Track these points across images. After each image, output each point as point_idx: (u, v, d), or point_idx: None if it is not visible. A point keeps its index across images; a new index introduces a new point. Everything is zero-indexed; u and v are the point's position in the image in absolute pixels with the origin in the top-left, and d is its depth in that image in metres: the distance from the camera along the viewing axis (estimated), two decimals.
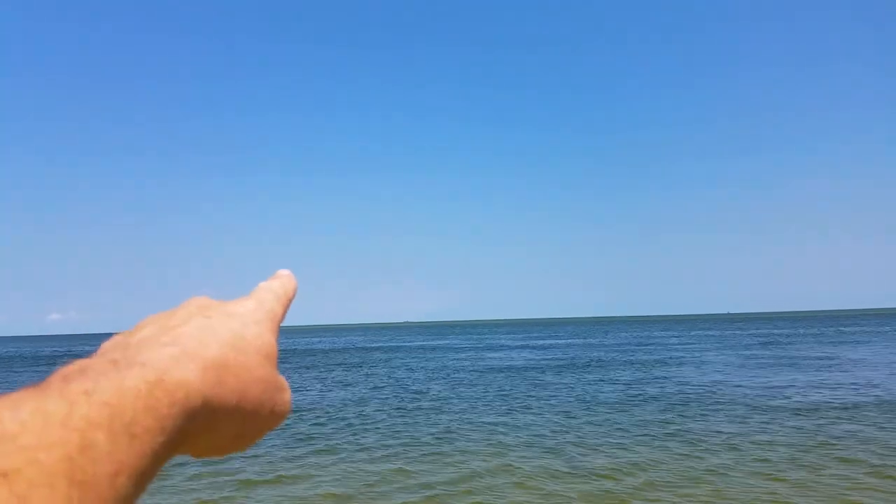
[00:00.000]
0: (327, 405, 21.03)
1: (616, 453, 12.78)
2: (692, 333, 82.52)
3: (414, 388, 26.02)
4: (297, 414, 19.23)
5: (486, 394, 22.94)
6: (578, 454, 12.71)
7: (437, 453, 13.16)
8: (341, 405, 21.05)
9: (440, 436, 15.01)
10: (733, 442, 13.54)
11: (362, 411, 19.48)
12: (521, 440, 14.28)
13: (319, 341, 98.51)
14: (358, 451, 13.74)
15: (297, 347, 75.72)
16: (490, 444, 13.95)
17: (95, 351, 0.50)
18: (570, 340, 71.90)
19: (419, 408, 19.83)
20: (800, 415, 16.64)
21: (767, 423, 15.68)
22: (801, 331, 79.48)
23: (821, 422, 15.53)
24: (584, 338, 78.82)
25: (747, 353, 41.81)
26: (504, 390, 23.88)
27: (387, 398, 22.61)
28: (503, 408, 19.23)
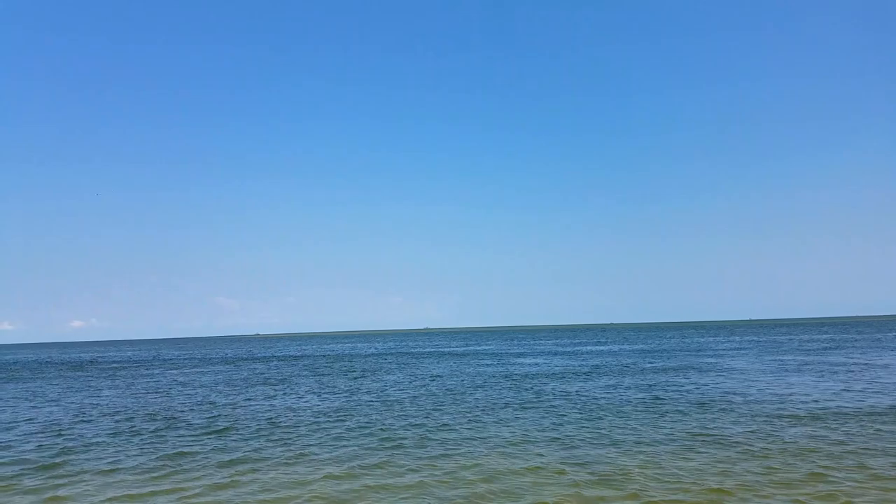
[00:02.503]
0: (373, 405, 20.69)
1: (648, 457, 12.23)
2: (728, 339, 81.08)
3: (445, 392, 25.56)
4: (338, 415, 18.90)
5: (508, 398, 22.40)
6: (616, 460, 12.17)
7: (466, 463, 12.70)
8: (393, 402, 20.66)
9: (469, 437, 14.58)
10: (767, 446, 12.88)
11: (401, 412, 19.06)
12: (553, 444, 13.76)
13: (361, 347, 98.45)
14: (396, 447, 13.37)
15: (343, 352, 75.73)
16: (519, 445, 13.46)
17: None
18: (594, 347, 71.00)
19: (452, 410, 19.36)
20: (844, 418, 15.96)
21: (804, 426, 15.03)
22: (839, 336, 77.68)
23: (857, 425, 14.85)
24: (610, 344, 77.83)
25: (783, 358, 40.76)
26: (524, 394, 23.28)
27: (423, 400, 22.16)
28: (533, 412, 18.69)
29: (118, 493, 10.78)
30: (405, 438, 15.23)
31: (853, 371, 30.26)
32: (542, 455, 12.89)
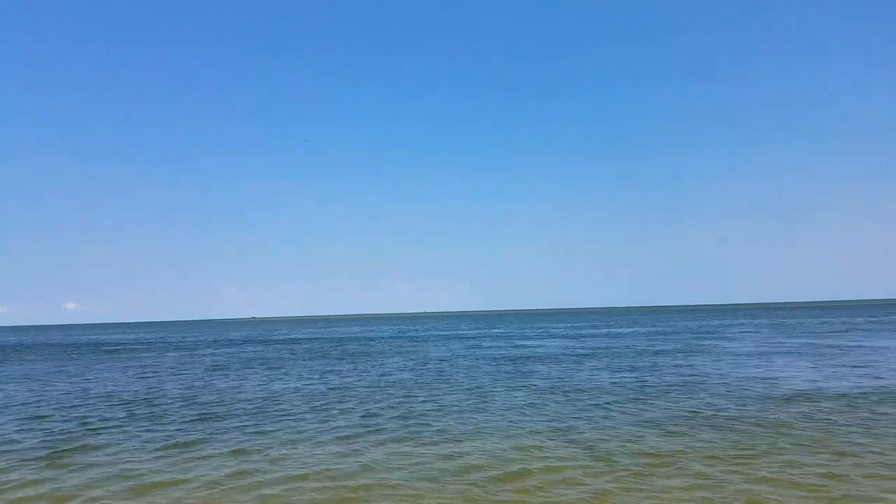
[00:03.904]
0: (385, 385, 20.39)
1: (615, 433, 11.78)
2: (736, 322, 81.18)
3: (443, 375, 25.27)
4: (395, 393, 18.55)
5: (501, 380, 22.10)
6: (616, 447, 11.83)
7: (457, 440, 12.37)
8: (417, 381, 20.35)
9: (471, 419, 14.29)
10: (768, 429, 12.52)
11: (421, 395, 18.77)
12: (550, 427, 13.35)
13: (362, 330, 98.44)
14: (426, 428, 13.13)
15: (345, 336, 75.55)
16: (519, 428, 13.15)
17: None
18: (600, 330, 71.07)
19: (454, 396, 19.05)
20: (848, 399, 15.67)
21: (786, 405, 14.50)
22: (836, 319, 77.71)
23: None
24: (617, 327, 77.92)
25: (786, 341, 40.64)
26: (515, 377, 22.96)
27: (443, 390, 21.92)
28: (529, 393, 18.40)
29: (122, 480, 10.32)
30: (403, 419, 15.06)
31: (850, 353, 30.11)
32: (525, 432, 12.86)
